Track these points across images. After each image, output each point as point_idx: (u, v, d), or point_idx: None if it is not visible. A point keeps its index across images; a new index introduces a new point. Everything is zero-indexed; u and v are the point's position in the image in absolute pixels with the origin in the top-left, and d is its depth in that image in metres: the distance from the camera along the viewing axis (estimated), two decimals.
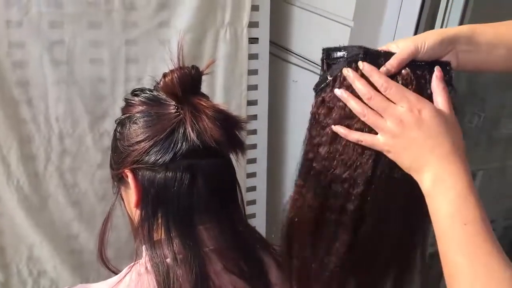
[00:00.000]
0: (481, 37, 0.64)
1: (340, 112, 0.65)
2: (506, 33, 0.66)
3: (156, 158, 0.71)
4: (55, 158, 1.37)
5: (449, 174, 0.58)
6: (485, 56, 0.65)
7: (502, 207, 1.76)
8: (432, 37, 0.63)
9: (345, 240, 0.68)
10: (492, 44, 0.65)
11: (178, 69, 0.72)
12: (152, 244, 0.72)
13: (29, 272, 1.42)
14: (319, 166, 0.68)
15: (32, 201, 1.36)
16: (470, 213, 0.55)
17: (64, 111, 1.34)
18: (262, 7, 1.51)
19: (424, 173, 0.59)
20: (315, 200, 0.69)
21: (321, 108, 0.68)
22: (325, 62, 0.69)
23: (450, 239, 0.56)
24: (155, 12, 1.36)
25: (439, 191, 0.58)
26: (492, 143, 1.66)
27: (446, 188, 0.58)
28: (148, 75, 1.39)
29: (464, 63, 0.65)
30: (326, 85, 0.68)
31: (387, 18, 1.38)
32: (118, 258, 1.46)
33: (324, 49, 0.69)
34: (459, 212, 0.56)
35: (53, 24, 1.26)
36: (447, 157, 0.59)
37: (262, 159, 1.69)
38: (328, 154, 0.67)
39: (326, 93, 0.67)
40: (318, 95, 0.69)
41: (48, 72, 1.29)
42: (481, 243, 0.54)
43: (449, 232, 0.56)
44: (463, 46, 0.64)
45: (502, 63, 0.66)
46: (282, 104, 1.74)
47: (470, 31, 0.65)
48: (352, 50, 0.67)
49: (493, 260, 0.53)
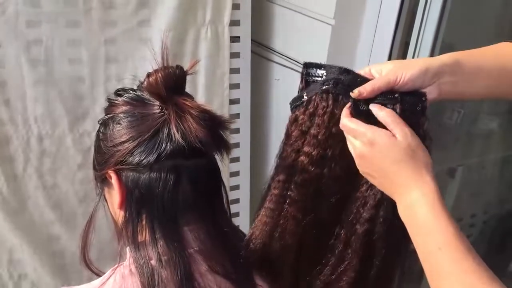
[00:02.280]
0: (465, 66, 0.65)
1: (305, 137, 0.68)
2: (487, 61, 0.67)
3: (140, 159, 0.71)
4: (34, 159, 1.34)
5: (411, 202, 0.60)
6: (467, 86, 0.66)
7: (481, 202, 1.79)
8: (414, 68, 0.64)
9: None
10: (474, 73, 0.66)
11: (162, 69, 0.72)
12: (136, 245, 0.71)
13: (9, 275, 1.39)
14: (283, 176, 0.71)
15: (11, 203, 1.33)
16: (441, 236, 0.57)
17: (43, 112, 1.31)
18: (243, 6, 1.50)
19: (396, 200, 0.63)
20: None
21: (293, 126, 0.69)
22: (303, 78, 0.70)
23: (430, 265, 0.57)
24: (134, 10, 1.34)
25: (407, 220, 0.61)
26: (471, 139, 1.69)
27: (412, 215, 0.60)
28: (128, 74, 1.38)
29: (446, 94, 0.66)
30: (301, 103, 0.68)
31: (367, 16, 1.39)
32: (100, 259, 1.45)
33: (304, 64, 0.70)
34: (431, 238, 0.57)
35: (30, 23, 1.24)
36: (408, 185, 0.60)
37: (245, 158, 1.69)
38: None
39: (300, 112, 0.69)
40: (293, 111, 0.71)
41: (26, 72, 1.26)
42: (459, 265, 0.55)
43: (429, 258, 0.58)
44: (446, 78, 0.65)
45: (483, 91, 0.68)
46: (264, 103, 1.74)
47: (454, 62, 0.65)
48: (331, 72, 0.67)
49: (474, 278, 0.54)
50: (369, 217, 0.67)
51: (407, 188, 0.61)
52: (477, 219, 1.79)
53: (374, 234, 0.68)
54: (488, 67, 0.66)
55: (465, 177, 1.64)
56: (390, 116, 0.63)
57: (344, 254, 0.70)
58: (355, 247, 0.69)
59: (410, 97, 0.64)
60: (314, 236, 0.72)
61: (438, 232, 0.57)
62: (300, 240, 0.72)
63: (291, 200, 0.70)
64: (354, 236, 0.69)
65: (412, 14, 1.30)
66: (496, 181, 1.79)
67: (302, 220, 0.71)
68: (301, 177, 0.69)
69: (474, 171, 1.70)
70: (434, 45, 1.28)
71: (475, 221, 1.80)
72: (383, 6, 1.34)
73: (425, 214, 0.58)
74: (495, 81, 0.67)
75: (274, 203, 0.72)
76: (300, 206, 0.70)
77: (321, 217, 0.71)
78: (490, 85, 0.67)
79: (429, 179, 0.60)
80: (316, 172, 0.68)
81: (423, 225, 0.58)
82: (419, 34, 1.29)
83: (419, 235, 0.59)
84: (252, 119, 1.66)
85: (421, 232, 0.59)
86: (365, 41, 1.41)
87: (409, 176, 0.61)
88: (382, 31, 1.35)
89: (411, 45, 1.31)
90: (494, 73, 0.66)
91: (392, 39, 1.33)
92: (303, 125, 0.68)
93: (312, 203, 0.70)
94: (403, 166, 0.61)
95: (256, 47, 1.66)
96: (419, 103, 0.64)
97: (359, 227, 0.68)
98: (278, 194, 0.71)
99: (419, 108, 0.65)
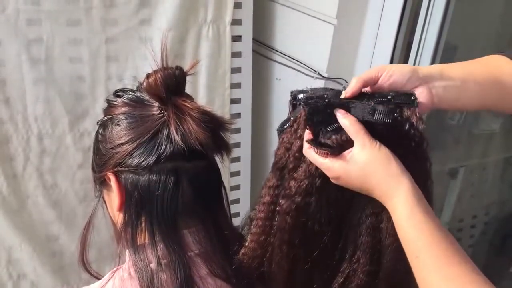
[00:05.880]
0: (451, 73, 0.65)
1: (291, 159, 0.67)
2: (474, 70, 0.67)
3: (139, 161, 0.70)
4: (34, 158, 1.34)
5: (392, 212, 0.60)
6: (458, 91, 0.65)
7: (482, 203, 1.79)
8: (400, 65, 0.64)
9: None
10: (463, 79, 0.65)
11: (162, 70, 0.71)
12: (135, 248, 0.71)
13: (8, 275, 1.39)
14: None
15: (10, 202, 1.33)
16: (417, 244, 0.56)
17: (43, 111, 1.31)
18: (245, 5, 1.50)
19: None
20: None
21: (281, 150, 0.68)
22: (291, 104, 0.69)
23: (415, 274, 0.57)
24: (135, 9, 1.34)
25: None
26: (473, 140, 1.68)
27: (396, 225, 0.59)
28: (129, 73, 1.37)
29: (439, 100, 0.64)
30: (288, 126, 0.68)
31: (370, 16, 1.38)
32: (99, 260, 1.45)
33: (291, 92, 0.69)
34: (410, 247, 0.57)
35: (30, 22, 1.23)
36: (386, 196, 0.60)
37: (246, 158, 1.68)
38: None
39: (286, 134, 0.68)
40: (280, 136, 0.70)
41: (26, 71, 1.26)
42: (438, 273, 0.54)
43: (413, 267, 0.57)
44: (436, 82, 0.64)
45: (475, 99, 0.67)
46: (265, 102, 1.73)
47: (441, 68, 0.65)
48: (316, 91, 0.66)
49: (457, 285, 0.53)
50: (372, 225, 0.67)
51: (386, 198, 0.60)
52: (478, 220, 1.79)
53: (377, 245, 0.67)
54: (476, 74, 0.66)
55: (466, 178, 1.63)
56: (352, 125, 0.61)
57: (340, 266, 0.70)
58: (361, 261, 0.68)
59: (401, 96, 0.63)
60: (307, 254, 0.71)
61: (414, 240, 0.56)
62: (304, 258, 0.71)
63: (279, 225, 0.69)
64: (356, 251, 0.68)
65: (415, 14, 1.29)
66: (497, 182, 1.78)
67: (291, 245, 0.69)
68: (293, 198, 0.67)
69: (475, 172, 1.69)
70: (437, 46, 1.27)
71: (476, 222, 1.79)
72: (385, 6, 1.33)
73: (403, 222, 0.58)
74: (485, 89, 0.66)
75: (261, 227, 0.70)
76: (288, 231, 0.69)
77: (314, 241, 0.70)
78: (480, 92, 0.66)
79: (403, 184, 0.59)
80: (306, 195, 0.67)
81: (403, 235, 0.58)
82: (422, 34, 1.28)
83: (403, 245, 0.59)
84: (253, 119, 1.66)
85: (403, 242, 0.58)
86: (368, 41, 1.40)
87: (381, 189, 0.60)
88: (385, 31, 1.35)
89: (414, 45, 1.30)
90: (482, 81, 0.66)
91: (394, 40, 1.32)
92: (292, 144, 0.67)
93: (303, 228, 0.68)
94: (373, 181, 0.60)
95: (258, 46, 1.66)
96: (410, 102, 0.63)
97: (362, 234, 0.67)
98: (264, 217, 0.70)
99: (412, 108, 0.63)
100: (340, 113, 0.62)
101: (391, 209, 0.59)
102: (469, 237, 1.78)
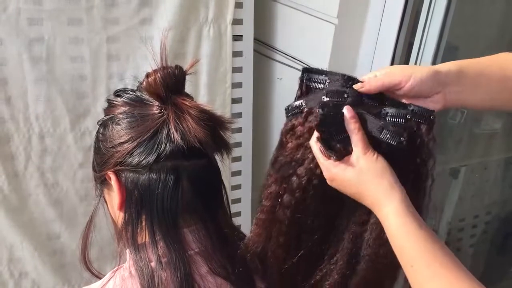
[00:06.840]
0: (467, 75, 0.65)
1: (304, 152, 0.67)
2: (488, 68, 0.67)
3: (139, 160, 0.70)
4: (35, 157, 1.34)
5: (382, 220, 0.61)
6: (470, 94, 0.66)
7: (484, 203, 1.78)
8: (423, 72, 0.63)
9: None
10: (476, 80, 0.65)
11: (161, 69, 0.71)
12: (136, 247, 0.71)
13: (10, 273, 1.39)
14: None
15: (11, 201, 1.33)
16: (410, 253, 0.57)
17: (44, 110, 1.31)
18: (246, 4, 1.49)
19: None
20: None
21: (290, 137, 0.68)
22: (304, 84, 0.68)
23: (410, 282, 0.57)
24: (136, 9, 1.34)
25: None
26: (475, 140, 1.68)
27: (387, 232, 0.60)
28: (130, 72, 1.37)
29: (451, 103, 0.65)
30: (299, 112, 0.67)
31: (371, 16, 1.38)
32: (100, 259, 1.45)
33: (303, 69, 0.68)
34: (403, 256, 0.58)
35: (32, 21, 1.23)
36: (377, 203, 0.61)
37: (247, 157, 1.68)
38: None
39: (298, 122, 0.67)
40: (289, 119, 0.69)
41: (28, 70, 1.26)
42: (432, 282, 0.55)
43: (408, 275, 0.57)
44: (453, 87, 0.64)
45: (485, 99, 0.67)
46: (266, 102, 1.73)
47: (459, 69, 0.65)
48: (334, 79, 0.65)
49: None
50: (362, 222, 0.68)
51: (377, 206, 0.61)
52: (480, 220, 1.79)
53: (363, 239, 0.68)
54: (489, 73, 0.66)
55: (468, 178, 1.63)
56: (355, 134, 0.62)
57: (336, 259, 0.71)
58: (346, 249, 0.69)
59: (420, 113, 0.63)
60: (308, 244, 0.72)
61: (408, 249, 0.57)
62: (295, 249, 0.72)
63: (284, 214, 0.70)
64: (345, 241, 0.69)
65: (416, 14, 1.29)
66: (499, 182, 1.78)
67: (287, 237, 0.71)
68: (293, 193, 0.68)
69: (476, 172, 1.69)
70: (438, 46, 1.27)
71: (477, 222, 1.79)
72: (387, 6, 1.33)
73: (395, 231, 0.59)
74: (496, 87, 0.66)
75: (266, 213, 0.71)
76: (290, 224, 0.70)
77: (316, 229, 0.71)
78: (491, 92, 0.66)
79: (394, 197, 0.60)
80: (310, 192, 0.68)
81: (395, 243, 0.59)
82: (423, 34, 1.27)
83: (396, 252, 0.59)
84: (254, 118, 1.65)
85: (396, 250, 0.59)
86: (369, 41, 1.40)
87: (372, 198, 0.61)
88: (386, 31, 1.34)
89: (415, 45, 1.30)
90: (494, 83, 0.66)
91: (396, 39, 1.32)
92: (301, 137, 0.67)
93: (305, 218, 0.70)
94: (365, 190, 0.61)
95: (259, 45, 1.65)
96: (428, 122, 0.63)
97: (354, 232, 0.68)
98: (270, 205, 0.71)
99: (427, 127, 0.63)
100: (349, 117, 0.63)
101: (383, 218, 0.60)
102: (470, 237, 1.77)
